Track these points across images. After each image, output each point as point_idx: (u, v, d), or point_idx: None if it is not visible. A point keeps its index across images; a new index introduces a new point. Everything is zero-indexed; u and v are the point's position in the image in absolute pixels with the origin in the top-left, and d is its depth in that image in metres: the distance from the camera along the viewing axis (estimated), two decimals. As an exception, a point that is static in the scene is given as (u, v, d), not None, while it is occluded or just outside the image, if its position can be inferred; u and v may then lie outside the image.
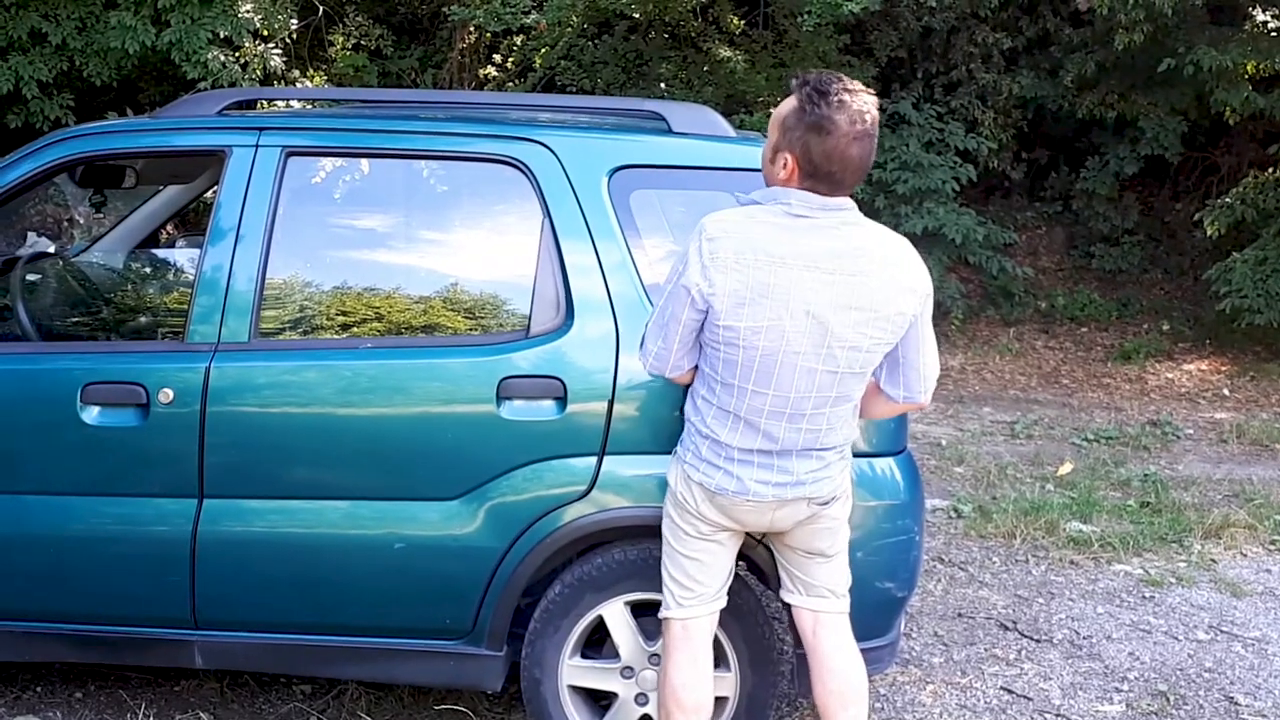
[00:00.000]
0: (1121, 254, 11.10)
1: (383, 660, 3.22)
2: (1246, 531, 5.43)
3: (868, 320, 2.59)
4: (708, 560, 2.84)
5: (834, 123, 2.52)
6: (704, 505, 2.77)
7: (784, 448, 2.70)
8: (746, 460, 2.70)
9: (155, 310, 4.14)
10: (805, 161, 2.56)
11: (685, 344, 2.69)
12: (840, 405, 2.70)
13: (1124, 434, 7.34)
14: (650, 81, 10.60)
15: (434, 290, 3.32)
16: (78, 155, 3.42)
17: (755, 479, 2.71)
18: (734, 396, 2.66)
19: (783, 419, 2.66)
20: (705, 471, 2.74)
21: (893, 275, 2.61)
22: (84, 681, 3.72)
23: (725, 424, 2.69)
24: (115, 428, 3.12)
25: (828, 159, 2.54)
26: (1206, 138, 11.27)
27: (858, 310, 2.58)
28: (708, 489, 2.74)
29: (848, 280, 2.57)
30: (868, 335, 2.60)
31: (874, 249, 2.61)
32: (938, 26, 10.90)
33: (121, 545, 3.17)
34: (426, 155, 3.31)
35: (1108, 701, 3.82)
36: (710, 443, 2.73)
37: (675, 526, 2.85)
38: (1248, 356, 9.48)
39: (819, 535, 2.84)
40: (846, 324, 2.58)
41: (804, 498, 2.75)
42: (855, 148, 2.54)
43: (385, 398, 3.11)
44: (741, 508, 2.75)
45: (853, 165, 2.56)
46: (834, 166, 2.54)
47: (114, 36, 8.34)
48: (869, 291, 2.58)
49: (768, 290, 2.55)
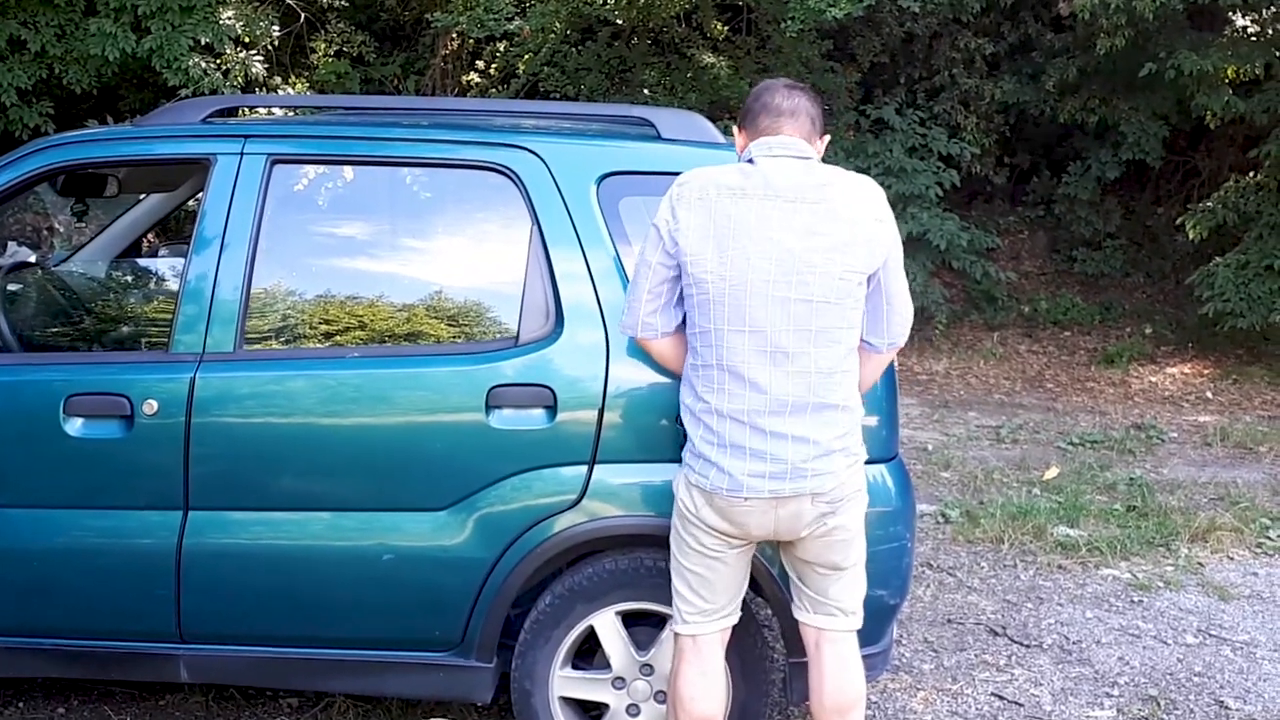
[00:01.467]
0: (1104, 258, 11.14)
1: (371, 672, 3.19)
2: (1233, 534, 5.44)
3: (835, 246, 2.63)
4: (712, 576, 2.80)
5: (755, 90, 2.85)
6: (704, 510, 2.72)
7: (775, 402, 2.62)
8: (738, 447, 2.64)
9: (139, 320, 4.10)
10: (744, 119, 2.79)
11: (655, 295, 2.71)
12: (826, 345, 2.64)
13: (1109, 438, 7.36)
14: (634, 87, 10.59)
15: (421, 299, 3.30)
16: (59, 164, 3.40)
17: (748, 471, 2.64)
18: (713, 344, 2.64)
19: (766, 359, 2.62)
20: (700, 469, 2.69)
21: (858, 204, 2.69)
22: (67, 697, 3.68)
23: (711, 383, 2.66)
24: (99, 439, 3.09)
25: (754, 100, 2.81)
26: (1187, 142, 11.34)
27: (823, 236, 2.63)
28: (703, 489, 2.70)
29: (811, 207, 2.64)
30: (838, 262, 2.62)
31: (836, 181, 2.72)
32: (920, 32, 10.93)
33: (105, 558, 3.14)
34: (413, 162, 3.28)
35: (1098, 707, 3.82)
36: (703, 427, 2.68)
37: (680, 539, 2.81)
38: (1230, 360, 9.52)
39: (833, 548, 2.77)
40: (813, 249, 2.62)
41: (806, 493, 2.67)
42: (769, 93, 2.78)
43: (373, 407, 3.09)
44: (739, 508, 2.68)
45: (775, 105, 2.75)
46: (761, 105, 2.77)
47: (94, 43, 8.28)
48: (834, 219, 2.64)
49: (730, 220, 2.63)
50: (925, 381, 9.10)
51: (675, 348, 2.79)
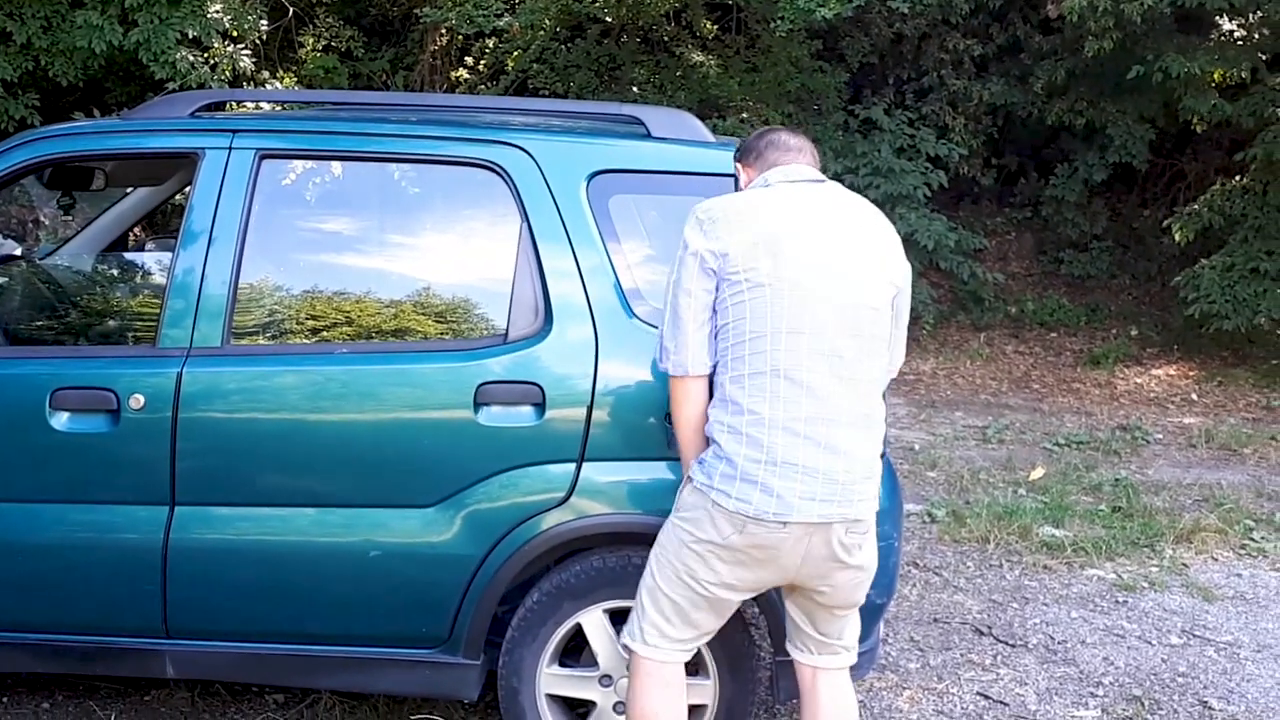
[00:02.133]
0: (1090, 260, 11.19)
1: (357, 669, 3.18)
2: (1217, 536, 5.47)
3: (878, 255, 2.66)
4: (694, 614, 2.65)
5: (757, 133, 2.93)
6: (733, 536, 2.53)
7: (832, 409, 2.51)
8: (790, 464, 2.49)
9: (125, 314, 4.08)
10: (745, 154, 2.87)
11: (702, 325, 2.60)
12: (872, 354, 2.61)
13: (1094, 439, 7.39)
14: (623, 85, 10.59)
15: (410, 295, 3.29)
16: (47, 157, 3.38)
17: (799, 493, 2.49)
18: (768, 348, 2.51)
19: (823, 362, 2.52)
20: (739, 493, 2.50)
21: (883, 224, 2.75)
22: (52, 692, 3.66)
23: (763, 391, 2.51)
24: (85, 434, 3.07)
25: (759, 139, 2.86)
26: (1174, 145, 11.40)
27: (866, 245, 2.66)
28: (743, 515, 2.50)
29: (843, 218, 2.67)
30: (882, 271, 2.65)
31: (855, 201, 2.77)
32: (909, 33, 10.96)
33: (91, 553, 3.12)
34: (403, 158, 3.27)
35: (1083, 706, 3.84)
36: (747, 443, 2.50)
37: (667, 563, 2.65)
38: (1215, 362, 9.57)
39: (857, 587, 2.69)
40: (860, 255, 2.63)
41: (851, 518, 2.55)
42: (776, 133, 2.85)
43: (361, 404, 3.08)
44: (776, 536, 2.51)
45: (783, 141, 2.81)
46: (768, 142, 2.82)
47: (80, 36, 8.23)
48: (871, 231, 2.69)
49: (776, 228, 2.59)
50: (912, 381, 9.11)
51: (708, 384, 2.67)
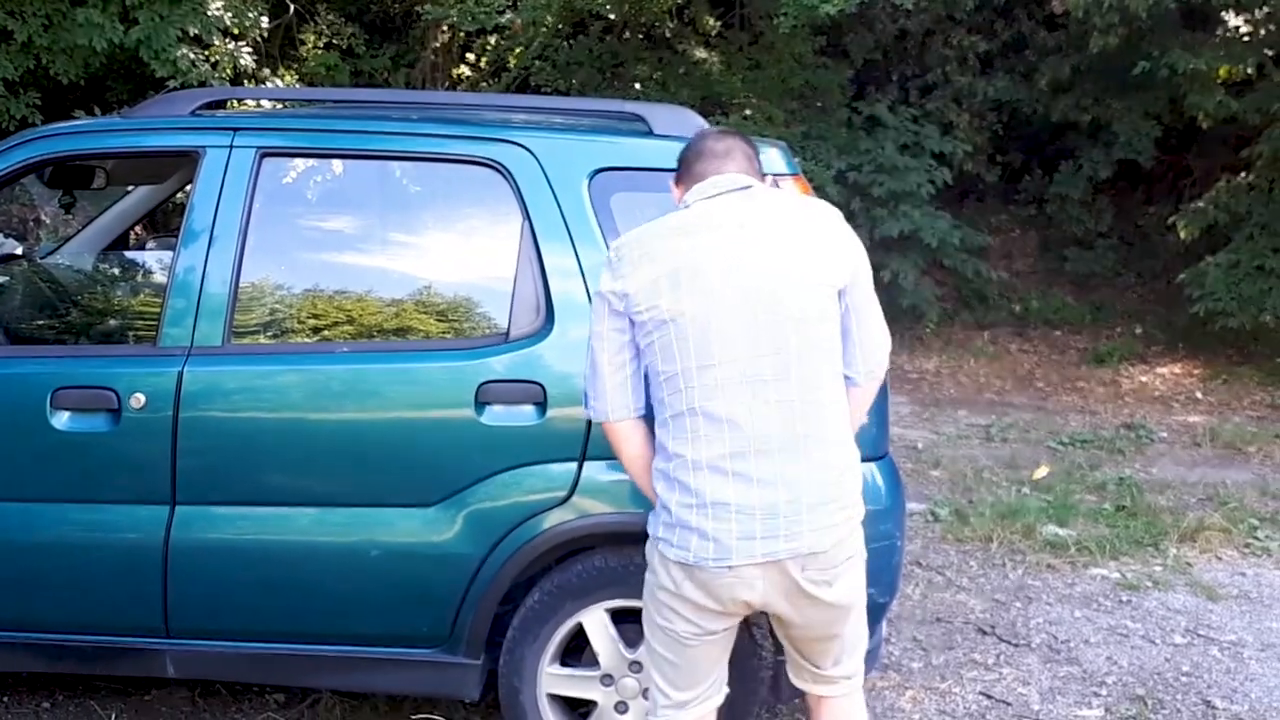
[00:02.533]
0: (1095, 257, 11.15)
1: (358, 669, 3.18)
2: (1221, 535, 5.45)
3: (801, 256, 2.42)
4: (686, 666, 2.55)
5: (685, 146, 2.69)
6: (685, 585, 2.42)
7: (757, 439, 2.34)
8: (721, 504, 2.35)
9: (126, 313, 4.08)
10: (678, 172, 2.64)
11: (618, 367, 2.47)
12: (805, 368, 2.38)
13: (1099, 437, 7.37)
14: (625, 82, 10.56)
15: (412, 294, 3.28)
16: (48, 155, 3.38)
17: (736, 534, 2.35)
18: (681, 387, 2.37)
19: (744, 390, 2.35)
20: (678, 540, 2.39)
21: (815, 218, 2.51)
22: (52, 691, 3.66)
23: (683, 432, 2.38)
24: (86, 433, 3.07)
25: (686, 151, 2.64)
26: (1179, 142, 11.34)
27: (786, 249, 2.42)
28: (685, 564, 2.39)
29: (761, 227, 2.44)
30: (807, 274, 2.41)
31: (783, 202, 2.56)
32: (913, 29, 10.92)
33: (92, 552, 3.12)
34: (404, 156, 3.26)
35: (1086, 706, 3.82)
36: (678, 489, 2.39)
37: (651, 621, 2.56)
38: (1220, 360, 9.54)
39: (832, 620, 2.52)
40: (778, 263, 2.40)
41: (803, 553, 2.37)
42: (703, 140, 2.64)
43: (362, 403, 3.07)
44: (725, 580, 2.39)
45: (707, 148, 2.59)
46: (693, 152, 2.61)
47: (81, 34, 8.22)
48: (793, 232, 2.45)
49: (679, 257, 2.41)
50: (916, 380, 9.10)
51: (647, 431, 2.55)
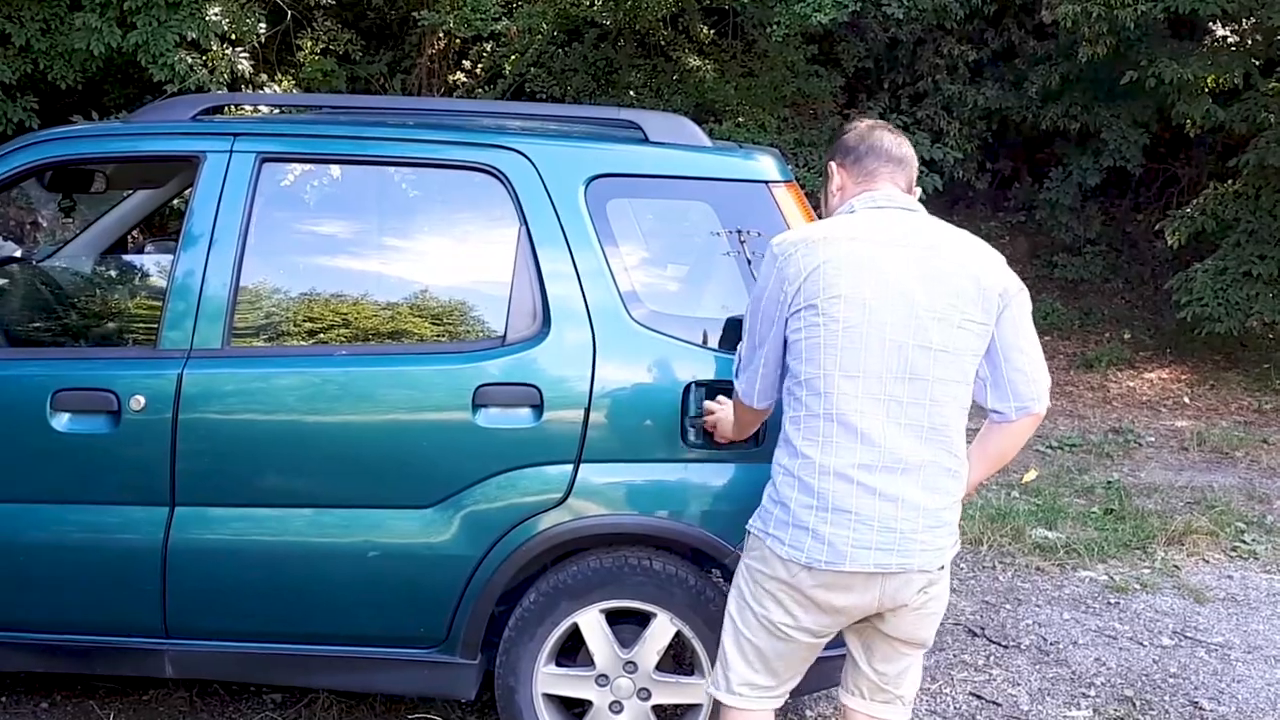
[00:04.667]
0: (1084, 264, 11.22)
1: (356, 669, 3.21)
2: (1208, 538, 5.50)
3: (955, 292, 2.44)
4: (775, 659, 2.56)
5: (855, 124, 2.74)
6: (795, 579, 2.45)
7: (888, 456, 2.39)
8: (842, 511, 2.39)
9: (125, 316, 4.10)
10: (844, 154, 2.66)
11: (775, 364, 2.53)
12: (940, 399, 2.43)
13: (1087, 441, 7.43)
14: (620, 90, 10.61)
15: (409, 298, 3.32)
16: (49, 159, 3.41)
17: (852, 542, 2.39)
18: (821, 391, 2.40)
19: (880, 407, 2.39)
20: (791, 539, 2.43)
21: (974, 253, 2.53)
22: (50, 692, 3.68)
23: (816, 435, 2.41)
24: (86, 435, 3.09)
25: (860, 140, 2.66)
26: (1167, 150, 11.43)
27: (941, 282, 2.44)
28: (797, 563, 2.42)
29: (923, 252, 2.46)
30: (957, 309, 2.43)
31: (945, 229, 2.59)
32: (904, 38, 10.99)
33: (92, 553, 3.14)
34: (403, 162, 3.30)
35: (1075, 707, 3.87)
36: (799, 488, 2.42)
37: (745, 605, 2.55)
38: (1207, 365, 9.60)
39: (925, 622, 2.55)
40: (933, 294, 2.43)
41: (915, 569, 2.43)
42: (880, 134, 2.66)
43: (360, 405, 3.10)
44: (838, 584, 2.42)
45: (885, 149, 2.63)
46: (865, 146, 2.64)
47: (79, 38, 8.24)
48: (949, 263, 2.47)
49: (843, 263, 2.43)
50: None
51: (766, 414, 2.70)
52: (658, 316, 3.05)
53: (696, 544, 3.06)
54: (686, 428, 2.98)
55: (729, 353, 3.02)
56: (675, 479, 3.05)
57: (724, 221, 3.11)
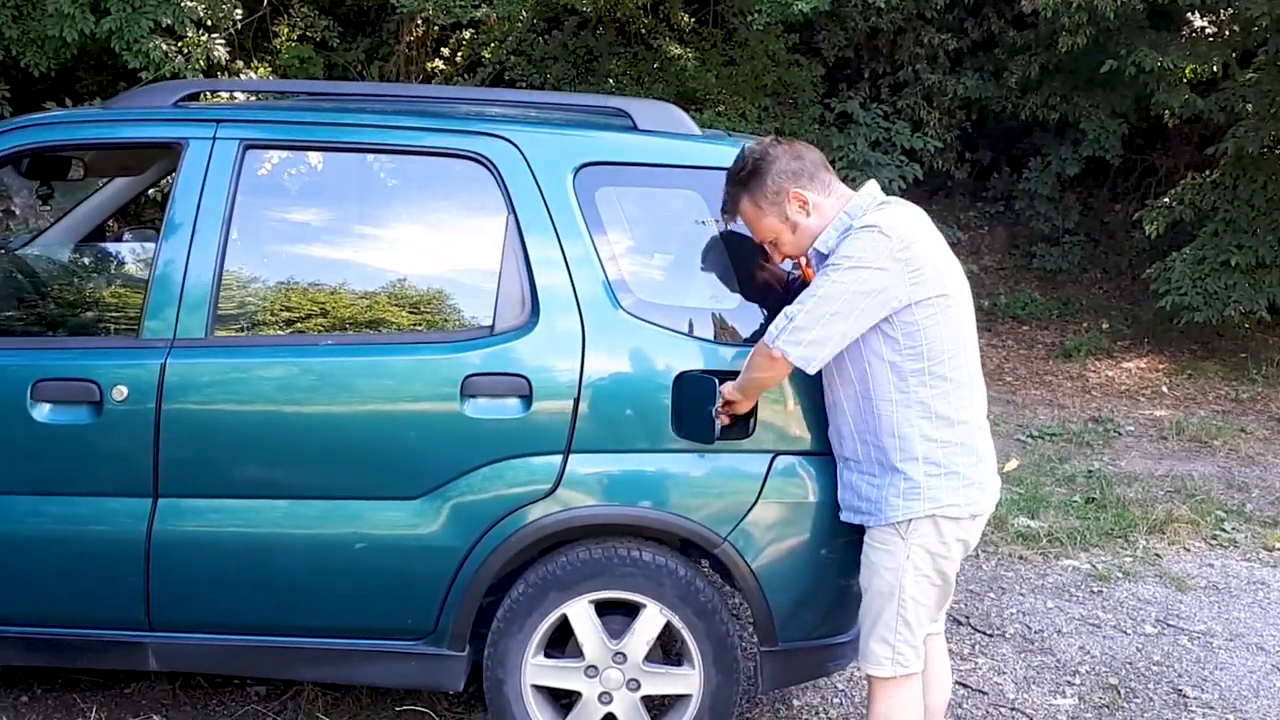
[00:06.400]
0: (1062, 253, 11.27)
1: (342, 661, 3.18)
2: (1189, 527, 5.54)
3: None
4: (939, 599, 2.90)
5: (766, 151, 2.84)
6: (967, 534, 2.81)
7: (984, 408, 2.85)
8: (988, 461, 2.81)
9: (107, 305, 4.05)
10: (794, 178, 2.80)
11: (852, 337, 2.71)
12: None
13: (1067, 430, 7.46)
14: (600, 77, 10.56)
15: (396, 286, 3.28)
16: (27, 146, 3.35)
17: (991, 480, 2.83)
18: (965, 361, 2.76)
19: (976, 362, 2.83)
20: (965, 499, 2.76)
21: None
22: (30, 685, 3.64)
23: (968, 400, 2.77)
24: (67, 425, 3.05)
25: (794, 159, 2.84)
26: (1145, 140, 11.49)
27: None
28: (970, 517, 2.79)
29: None
30: None
31: None
32: (885, 27, 10.99)
33: (74, 545, 3.11)
34: (389, 150, 3.26)
35: (1060, 695, 3.89)
36: (961, 450, 2.74)
37: (921, 581, 2.80)
38: (1185, 354, 9.67)
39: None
40: None
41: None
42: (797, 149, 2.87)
43: (346, 395, 3.07)
44: (983, 518, 2.85)
45: (816, 160, 2.87)
46: (803, 164, 2.83)
47: (52, 24, 8.11)
48: None
49: (936, 245, 2.78)
50: (887, 374, 9.15)
51: None
52: (646, 306, 3.03)
53: (686, 534, 3.04)
54: (712, 417, 2.86)
55: (719, 342, 3.01)
56: (664, 469, 3.03)
57: (713, 210, 3.09)
